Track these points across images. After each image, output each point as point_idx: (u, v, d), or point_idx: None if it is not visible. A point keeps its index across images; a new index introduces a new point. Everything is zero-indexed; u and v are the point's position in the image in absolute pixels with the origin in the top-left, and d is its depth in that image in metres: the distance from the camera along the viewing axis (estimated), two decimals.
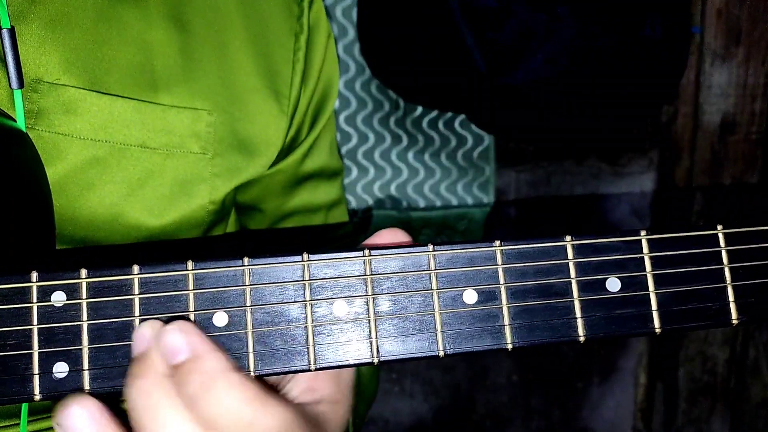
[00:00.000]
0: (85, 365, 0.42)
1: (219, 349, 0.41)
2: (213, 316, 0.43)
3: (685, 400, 1.89)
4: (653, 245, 0.45)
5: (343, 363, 0.43)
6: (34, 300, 0.42)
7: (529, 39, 1.32)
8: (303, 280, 0.43)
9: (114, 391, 0.42)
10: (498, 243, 0.44)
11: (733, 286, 0.45)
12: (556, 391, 1.88)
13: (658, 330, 0.44)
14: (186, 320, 0.42)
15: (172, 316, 0.42)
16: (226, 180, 0.62)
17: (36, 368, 0.41)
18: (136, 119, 0.56)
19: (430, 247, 0.44)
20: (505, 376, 1.85)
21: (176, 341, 0.40)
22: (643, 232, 0.45)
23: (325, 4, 1.51)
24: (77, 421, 0.39)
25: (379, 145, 1.60)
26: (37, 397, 0.41)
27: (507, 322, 0.44)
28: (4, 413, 0.53)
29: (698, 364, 1.87)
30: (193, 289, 0.43)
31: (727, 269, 0.45)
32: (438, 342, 0.43)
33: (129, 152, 0.56)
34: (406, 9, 1.42)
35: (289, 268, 0.43)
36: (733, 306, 0.45)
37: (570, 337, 0.44)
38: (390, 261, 0.44)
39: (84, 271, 0.42)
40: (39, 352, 0.41)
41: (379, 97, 1.58)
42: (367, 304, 0.43)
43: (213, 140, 0.60)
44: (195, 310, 0.42)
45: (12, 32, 0.50)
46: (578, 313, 0.44)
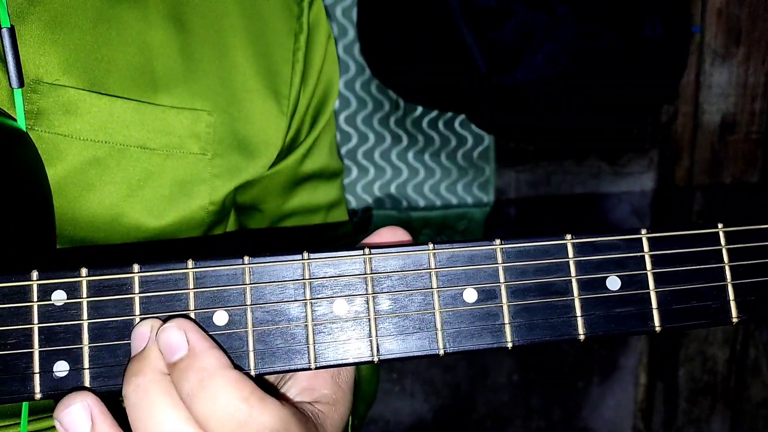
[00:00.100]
0: (86, 364, 0.42)
1: (217, 346, 0.41)
2: (213, 315, 0.43)
3: (686, 399, 1.89)
4: (653, 244, 0.45)
5: (344, 362, 0.43)
6: (35, 299, 0.42)
7: (529, 39, 1.32)
8: (303, 279, 0.43)
9: (114, 390, 0.42)
10: (498, 241, 0.44)
11: (734, 285, 0.45)
12: (557, 391, 1.88)
13: (658, 328, 0.44)
14: (185, 318, 0.42)
15: (172, 314, 0.42)
16: (225, 180, 0.62)
17: (36, 367, 0.41)
18: (136, 120, 0.56)
19: (431, 245, 0.44)
20: (506, 376, 1.85)
21: (174, 339, 0.40)
22: (644, 231, 0.45)
23: (325, 4, 1.51)
24: (76, 417, 0.39)
25: (379, 145, 1.60)
26: (38, 396, 0.41)
27: (507, 320, 0.44)
28: (5, 413, 0.53)
29: (698, 363, 1.87)
30: (194, 288, 0.43)
31: (727, 267, 0.45)
32: (438, 340, 0.43)
33: (129, 153, 0.56)
34: (406, 9, 1.42)
35: (289, 266, 0.43)
36: (733, 304, 0.45)
37: (570, 335, 0.44)
38: (390, 260, 0.44)
39: (84, 270, 0.42)
40: (39, 351, 0.41)
41: (379, 97, 1.58)
42: (368, 303, 0.43)
43: (213, 141, 0.60)
44: (195, 309, 0.42)
45: (12, 31, 0.50)
46: (578, 312, 0.44)
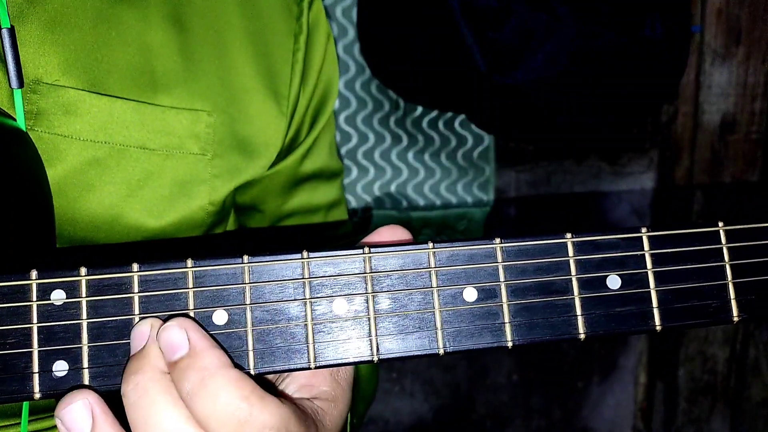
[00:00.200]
0: (85, 363, 0.42)
1: (217, 346, 0.41)
2: (213, 315, 0.42)
3: (686, 399, 1.89)
4: (654, 242, 0.45)
5: (343, 361, 0.43)
6: (34, 298, 0.42)
7: (529, 39, 1.32)
8: (303, 278, 0.43)
9: (114, 390, 0.42)
10: (498, 240, 0.44)
11: (734, 284, 0.45)
12: (557, 391, 1.88)
13: (658, 327, 0.44)
14: (186, 317, 0.42)
15: (171, 314, 0.42)
16: (225, 181, 0.62)
17: (36, 367, 0.41)
18: (136, 120, 0.56)
19: (430, 244, 0.44)
20: (506, 376, 1.85)
21: (175, 337, 0.40)
22: (644, 229, 0.45)
23: (325, 4, 1.51)
24: (77, 415, 0.39)
25: (379, 145, 1.60)
26: (37, 396, 0.41)
27: (507, 319, 0.44)
28: (5, 412, 0.53)
29: (698, 363, 1.87)
30: (193, 287, 0.42)
31: (728, 266, 0.45)
32: (438, 340, 0.43)
33: (128, 153, 0.56)
34: (406, 9, 1.42)
35: (288, 265, 0.43)
36: (734, 303, 0.45)
37: (570, 334, 0.44)
38: (390, 259, 0.44)
39: (83, 270, 0.42)
40: (39, 351, 0.41)
41: (379, 97, 1.58)
42: (367, 302, 0.43)
43: (212, 141, 0.60)
44: (194, 308, 0.42)
45: (12, 32, 0.50)
46: (578, 311, 0.44)
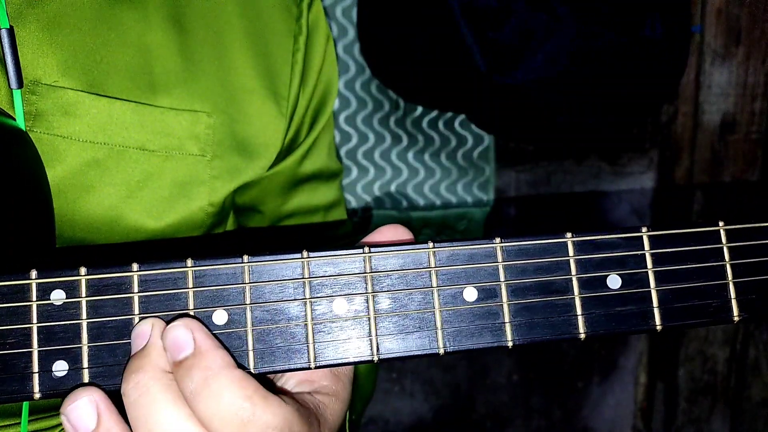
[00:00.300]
0: (85, 363, 0.41)
1: (221, 346, 0.41)
2: (212, 314, 0.42)
3: (686, 399, 1.89)
4: (654, 242, 0.45)
5: (343, 361, 0.43)
6: (34, 298, 0.41)
7: (529, 39, 1.32)
8: (303, 278, 0.43)
9: (113, 389, 0.41)
10: (498, 240, 0.44)
11: (735, 283, 0.45)
12: (557, 391, 1.88)
13: (659, 327, 0.44)
14: (191, 317, 0.42)
15: (171, 314, 0.42)
16: (225, 182, 0.62)
17: (35, 366, 0.41)
18: (135, 121, 0.56)
19: (430, 244, 0.44)
20: (506, 376, 1.85)
21: (181, 337, 0.40)
22: (644, 229, 0.45)
23: (325, 4, 1.51)
24: (82, 412, 0.39)
25: (379, 145, 1.60)
26: (37, 396, 0.41)
27: (507, 319, 0.44)
28: (5, 412, 0.53)
29: (698, 363, 1.87)
30: (193, 287, 0.42)
31: (728, 266, 0.45)
32: (438, 339, 0.43)
33: (128, 154, 0.56)
34: (406, 9, 1.42)
35: (288, 265, 0.43)
36: (734, 303, 0.45)
37: (570, 334, 0.44)
38: (390, 258, 0.44)
39: (83, 269, 0.42)
40: (38, 351, 0.41)
41: (379, 97, 1.58)
42: (367, 302, 0.43)
43: (212, 142, 0.60)
44: (194, 308, 0.42)
45: (11, 32, 0.50)
46: (579, 311, 0.44)
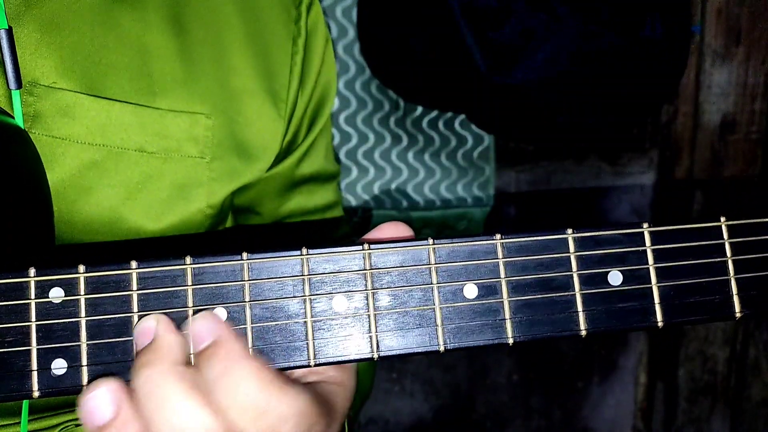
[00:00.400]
0: (84, 361, 0.41)
1: (240, 337, 0.41)
2: (212, 312, 0.42)
3: (686, 399, 1.89)
4: (655, 238, 0.45)
5: (343, 358, 0.43)
6: (32, 296, 0.41)
7: (529, 39, 1.32)
8: (302, 275, 0.43)
9: None
10: (499, 236, 0.44)
11: (736, 279, 0.45)
12: (557, 391, 1.88)
13: (660, 324, 0.44)
14: (210, 312, 0.42)
15: (171, 311, 0.42)
16: (223, 184, 0.62)
17: (34, 365, 0.41)
18: (134, 123, 0.56)
19: (430, 241, 0.44)
20: (506, 376, 1.85)
21: (204, 328, 0.40)
22: (645, 225, 0.45)
23: (325, 4, 1.51)
24: (100, 401, 0.39)
25: (379, 145, 1.60)
26: (36, 394, 0.41)
27: (508, 316, 0.43)
28: (5, 411, 0.53)
29: (698, 363, 1.87)
30: (192, 285, 0.42)
31: (730, 262, 0.45)
32: (438, 337, 0.43)
33: (127, 156, 0.56)
34: (406, 9, 1.42)
35: (288, 262, 0.43)
36: (736, 299, 0.45)
37: (571, 331, 0.44)
38: (390, 255, 0.44)
39: (82, 267, 0.42)
40: (37, 349, 0.41)
41: (379, 97, 1.58)
42: (367, 299, 0.43)
43: (211, 144, 0.60)
44: (194, 306, 0.42)
45: (9, 33, 0.50)
46: (580, 307, 0.44)
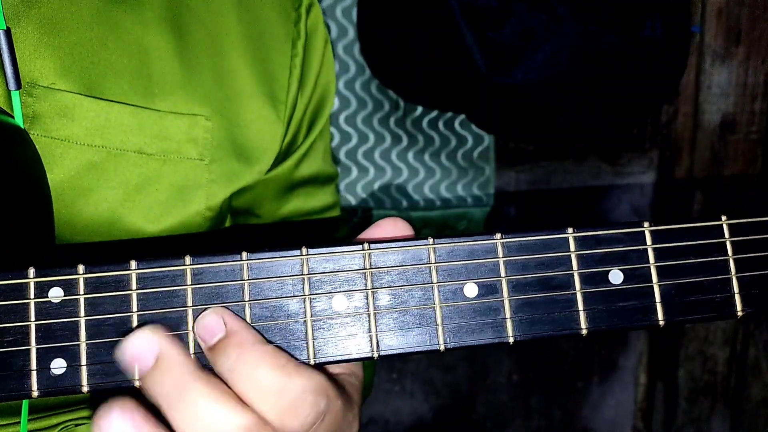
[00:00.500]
0: (83, 361, 0.41)
1: (250, 326, 0.42)
2: None
3: (686, 399, 1.89)
4: (656, 237, 0.45)
5: (343, 357, 0.43)
6: (32, 296, 0.41)
7: (529, 39, 1.32)
8: (302, 275, 0.43)
9: (111, 388, 0.41)
10: (499, 235, 0.44)
11: (738, 278, 0.45)
12: (557, 391, 1.88)
13: (661, 322, 0.44)
14: (219, 306, 0.42)
15: (170, 311, 0.42)
16: (222, 186, 0.62)
17: (33, 364, 0.41)
18: (133, 124, 0.56)
19: (430, 240, 0.44)
20: (506, 376, 1.85)
21: (213, 322, 0.41)
22: (646, 224, 0.45)
23: (325, 4, 1.51)
24: (119, 427, 0.38)
25: (379, 145, 1.60)
26: (35, 394, 0.41)
27: (508, 315, 0.43)
28: (5, 411, 0.53)
29: (698, 363, 1.87)
30: (191, 284, 0.42)
31: (731, 260, 0.45)
32: (438, 336, 0.43)
33: (126, 157, 0.56)
34: (406, 9, 1.42)
35: (287, 262, 0.43)
36: (737, 297, 0.44)
37: (572, 330, 0.43)
38: (390, 254, 0.44)
39: (81, 267, 0.42)
40: (37, 349, 0.41)
41: (379, 97, 1.58)
42: (367, 299, 0.43)
43: (210, 146, 0.60)
44: (193, 306, 0.42)
45: (8, 33, 0.50)
46: (580, 306, 0.44)
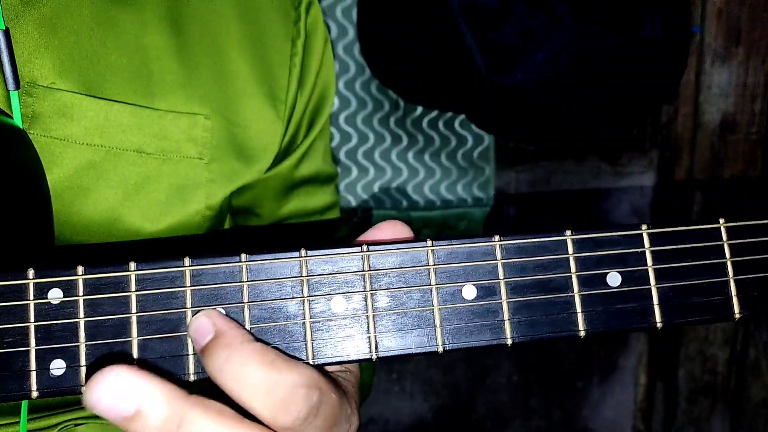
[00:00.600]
0: (83, 362, 0.41)
1: (240, 326, 0.41)
2: None
3: (686, 399, 1.89)
4: (654, 239, 0.45)
5: (342, 359, 0.43)
6: (31, 297, 0.41)
7: (529, 39, 1.32)
8: (301, 276, 0.43)
9: None
10: (497, 238, 0.44)
11: (736, 281, 0.45)
12: (556, 391, 1.88)
13: (659, 324, 0.44)
14: (211, 309, 0.42)
15: (168, 312, 0.42)
16: (222, 185, 0.62)
17: (33, 365, 0.41)
18: (132, 124, 0.56)
19: (429, 242, 0.44)
20: (505, 376, 1.85)
21: (203, 324, 0.41)
22: (644, 226, 0.45)
23: (325, 4, 1.51)
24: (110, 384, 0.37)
25: (379, 145, 1.60)
26: (35, 395, 0.41)
27: (507, 317, 0.43)
28: (4, 411, 0.53)
29: (698, 363, 1.87)
30: (190, 286, 0.42)
31: (729, 263, 0.45)
32: (437, 337, 0.43)
33: (125, 157, 0.56)
34: (406, 9, 1.42)
35: (286, 264, 0.43)
36: (735, 300, 0.45)
37: (570, 331, 0.44)
38: (388, 256, 0.44)
39: (81, 268, 0.42)
40: (36, 350, 0.41)
41: (379, 97, 1.58)
42: (366, 300, 0.43)
43: (209, 145, 0.60)
44: (192, 307, 0.42)
45: (7, 33, 0.50)
46: (578, 308, 0.44)
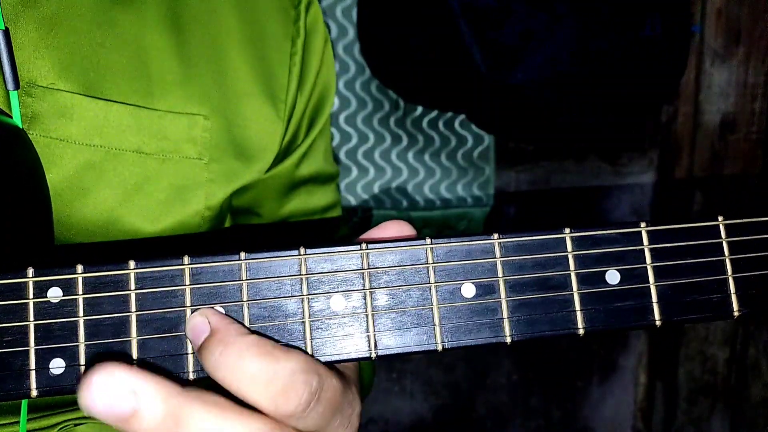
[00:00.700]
0: (82, 361, 0.41)
1: (236, 322, 0.41)
2: None
3: (685, 399, 1.89)
4: (653, 237, 0.45)
5: (341, 357, 0.43)
6: (30, 296, 0.41)
7: (529, 39, 1.32)
8: (300, 275, 0.43)
9: None
10: (496, 236, 0.44)
11: (734, 278, 0.45)
12: (556, 391, 1.88)
13: (658, 322, 0.44)
14: (208, 307, 0.42)
15: (168, 311, 0.42)
16: (222, 185, 0.62)
17: (32, 364, 0.41)
18: (132, 124, 0.56)
19: (428, 240, 0.44)
20: (505, 376, 1.85)
21: (199, 323, 0.41)
22: (643, 224, 0.45)
23: (325, 4, 1.51)
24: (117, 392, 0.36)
25: (379, 145, 1.60)
26: (34, 394, 0.41)
27: (506, 315, 0.43)
28: (4, 411, 0.53)
29: (698, 363, 1.87)
30: (190, 284, 0.42)
31: (728, 261, 0.45)
32: (436, 336, 0.43)
33: (124, 157, 0.56)
34: (406, 9, 1.42)
35: (286, 262, 0.43)
36: (734, 298, 0.44)
37: (569, 330, 0.44)
38: (388, 255, 0.44)
39: (80, 267, 0.42)
40: (35, 349, 0.41)
41: (379, 97, 1.58)
42: (365, 299, 0.43)
43: (209, 145, 0.60)
44: (191, 305, 0.42)
45: (6, 34, 0.50)
46: (577, 306, 0.44)
